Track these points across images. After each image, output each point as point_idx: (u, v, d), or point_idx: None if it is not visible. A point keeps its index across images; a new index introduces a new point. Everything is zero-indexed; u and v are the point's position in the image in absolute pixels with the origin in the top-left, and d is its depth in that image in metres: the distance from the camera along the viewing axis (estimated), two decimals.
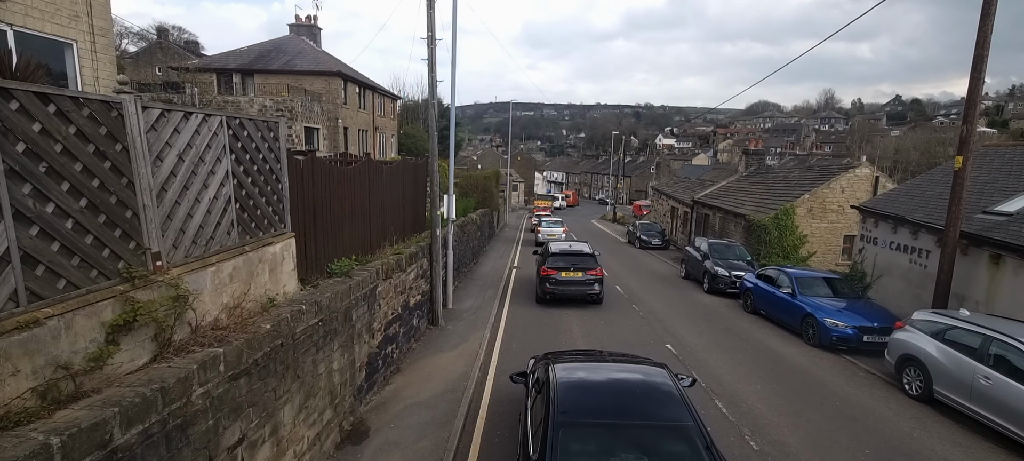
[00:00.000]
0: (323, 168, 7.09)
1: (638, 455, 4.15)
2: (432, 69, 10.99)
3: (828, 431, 7.21)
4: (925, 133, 75.25)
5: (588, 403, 4.69)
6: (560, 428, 4.28)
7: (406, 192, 11.20)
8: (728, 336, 11.72)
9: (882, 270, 12.52)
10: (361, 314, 7.28)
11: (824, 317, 10.87)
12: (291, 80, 27.65)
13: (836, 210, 18.97)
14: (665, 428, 4.40)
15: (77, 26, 10.86)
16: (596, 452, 4.16)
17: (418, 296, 10.49)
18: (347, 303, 6.72)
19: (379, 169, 9.31)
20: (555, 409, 4.49)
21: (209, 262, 4.46)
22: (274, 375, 4.88)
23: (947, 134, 67.80)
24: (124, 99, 3.65)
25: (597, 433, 4.31)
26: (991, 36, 9.24)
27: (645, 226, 29.97)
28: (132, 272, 3.61)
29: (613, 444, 4.20)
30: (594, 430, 4.33)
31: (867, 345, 10.39)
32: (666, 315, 13.39)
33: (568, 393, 4.77)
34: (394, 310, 8.82)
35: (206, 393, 3.82)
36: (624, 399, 4.77)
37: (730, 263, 16.45)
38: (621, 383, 5.14)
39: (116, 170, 3.59)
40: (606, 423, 4.39)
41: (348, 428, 6.88)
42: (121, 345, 3.49)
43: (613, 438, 4.26)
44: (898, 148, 71.40)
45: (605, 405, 4.67)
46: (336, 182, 7.46)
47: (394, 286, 8.71)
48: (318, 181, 6.93)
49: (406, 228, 11.12)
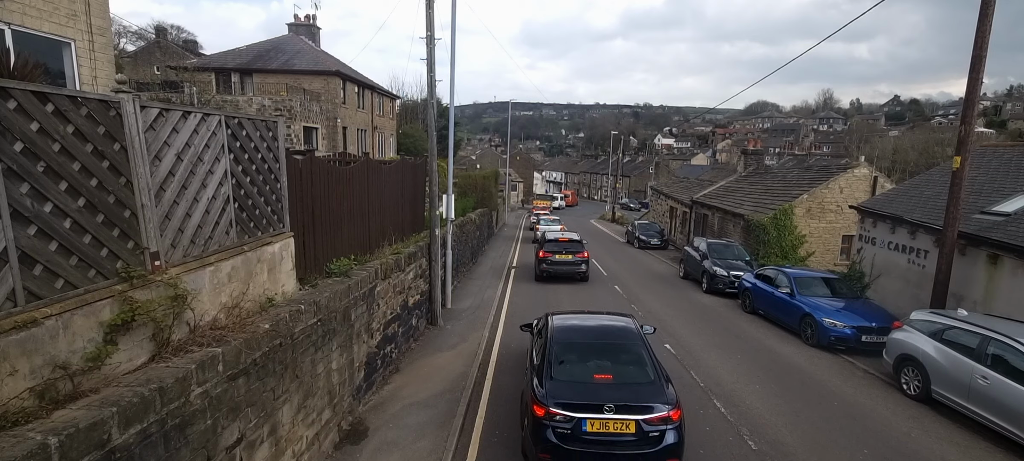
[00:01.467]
0: (322, 168, 7.09)
1: (604, 360, 6.29)
2: (431, 69, 10.98)
3: (826, 431, 7.22)
4: (923, 133, 75.38)
5: (575, 333, 6.83)
6: (555, 344, 6.45)
7: (405, 192, 11.19)
8: (727, 336, 11.74)
9: (880, 270, 12.54)
10: (360, 314, 7.28)
11: (822, 317, 10.89)
12: (290, 80, 27.62)
13: (834, 210, 19.00)
14: (623, 347, 6.55)
15: (75, 25, 10.84)
16: (577, 359, 6.31)
17: (417, 296, 10.49)
18: (346, 303, 6.71)
19: (378, 169, 9.30)
20: (552, 336, 6.63)
21: (207, 262, 4.46)
22: (273, 375, 4.88)
23: (945, 134, 67.97)
24: (122, 98, 3.64)
25: (579, 347, 6.50)
26: (989, 36, 9.26)
27: (644, 226, 30.01)
28: (130, 272, 3.61)
29: (588, 354, 6.40)
30: (577, 346, 6.50)
31: (865, 345, 10.41)
32: (665, 315, 13.40)
33: (561, 329, 6.87)
34: (393, 310, 8.81)
35: (204, 393, 3.82)
36: (599, 332, 6.95)
37: (729, 263, 16.47)
38: (599, 325, 7.26)
39: (114, 169, 3.58)
40: (585, 342, 6.61)
41: (347, 428, 6.87)
42: (119, 345, 3.48)
43: (589, 351, 6.46)
44: (896, 148, 71.49)
45: (586, 333, 6.88)
46: (335, 182, 7.45)
47: (393, 286, 8.71)
48: (317, 181, 6.92)
49: (405, 228, 11.11)
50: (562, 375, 6.03)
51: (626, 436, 5.42)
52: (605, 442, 5.42)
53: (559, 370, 6.09)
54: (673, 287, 17.53)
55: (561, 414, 5.46)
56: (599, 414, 5.44)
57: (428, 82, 11.06)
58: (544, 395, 5.69)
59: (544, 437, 5.48)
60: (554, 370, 6.07)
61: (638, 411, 5.46)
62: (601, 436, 5.42)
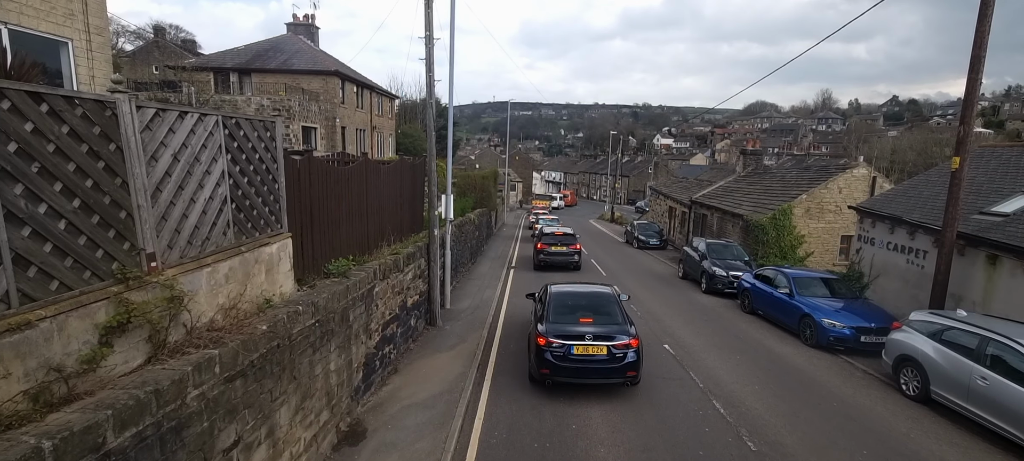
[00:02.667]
0: (320, 168, 7.06)
1: (587, 312, 8.58)
2: (429, 68, 10.95)
3: (826, 431, 7.21)
4: (922, 133, 75.47)
5: (567, 296, 9.21)
6: (553, 301, 8.92)
7: (404, 192, 11.16)
8: (726, 336, 11.73)
9: (879, 270, 12.54)
10: (358, 315, 7.25)
11: (822, 317, 10.89)
12: (288, 79, 27.58)
13: (833, 210, 19.02)
14: (602, 304, 8.93)
15: (73, 24, 10.80)
16: (568, 311, 8.64)
17: (416, 296, 10.46)
18: (344, 304, 6.69)
19: (376, 169, 9.27)
20: (551, 297, 9.08)
21: (204, 263, 4.43)
22: (270, 376, 4.85)
23: (943, 135, 68.10)
24: (118, 98, 3.61)
25: (570, 305, 8.83)
26: (989, 37, 9.26)
27: (643, 226, 30.00)
28: (126, 273, 3.58)
29: (576, 308, 8.71)
30: (569, 304, 8.86)
31: (864, 345, 10.41)
32: (664, 315, 13.39)
33: (557, 293, 9.28)
34: (391, 310, 8.79)
35: (201, 395, 3.79)
36: (585, 295, 9.33)
37: (728, 263, 16.47)
38: (586, 291, 9.62)
39: (110, 170, 3.56)
40: (574, 302, 8.95)
41: (345, 429, 6.85)
42: (115, 347, 3.46)
43: (577, 306, 8.80)
44: (895, 149, 71.62)
45: (576, 296, 9.22)
46: (333, 182, 7.42)
47: (392, 286, 8.68)
48: (315, 181, 6.89)
49: (404, 228, 11.08)
50: (557, 320, 8.40)
51: (600, 356, 7.84)
52: (585, 360, 7.84)
53: (555, 317, 8.47)
54: (672, 287, 17.53)
55: (557, 342, 7.86)
56: (582, 341, 7.86)
57: (427, 82, 11.04)
58: (545, 331, 8.07)
59: (545, 358, 7.88)
60: (552, 317, 8.48)
61: (608, 339, 7.89)
62: (583, 357, 7.83)
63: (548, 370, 7.86)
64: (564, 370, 7.81)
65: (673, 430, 7.15)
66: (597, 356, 7.80)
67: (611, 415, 7.56)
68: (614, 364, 7.81)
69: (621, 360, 7.81)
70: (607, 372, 7.85)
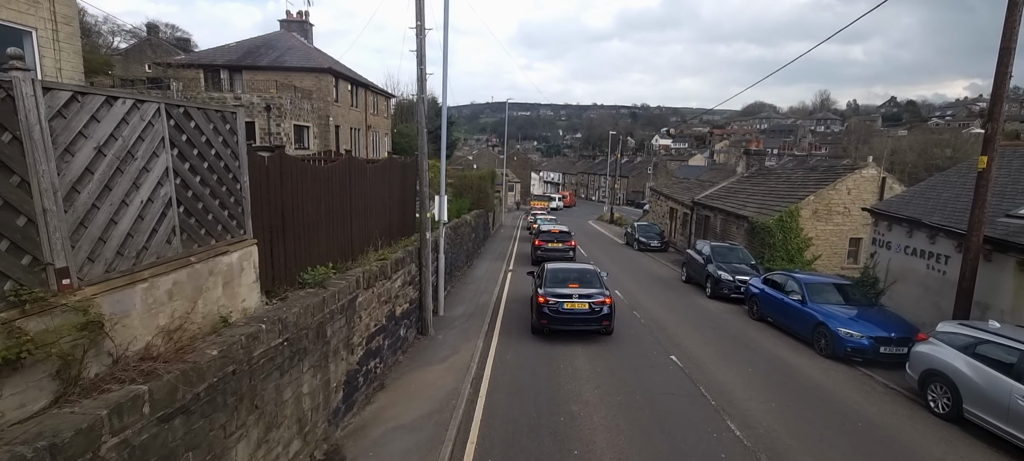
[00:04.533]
0: (294, 166, 6.35)
1: (574, 280, 11.18)
2: (421, 61, 10.26)
3: (853, 457, 6.54)
4: (922, 134, 75.26)
5: (560, 271, 11.78)
6: (548, 273, 11.52)
7: (393, 193, 10.45)
8: (735, 346, 11.06)
9: (896, 275, 11.88)
10: (337, 328, 6.55)
11: (838, 326, 10.23)
12: (280, 77, 26.84)
13: (842, 212, 18.38)
14: (586, 276, 11.53)
15: (36, 13, 10.03)
16: (561, 280, 11.21)
17: (406, 304, 9.76)
18: (320, 318, 5.99)
19: (361, 168, 8.55)
20: (547, 271, 11.65)
21: (139, 277, 3.73)
22: (223, 408, 4.15)
23: (943, 136, 67.80)
24: (15, 77, 2.91)
25: (561, 276, 11.43)
26: (1019, 27, 8.64)
27: (643, 227, 29.34)
28: (22, 294, 2.88)
29: (566, 280, 11.18)
30: (561, 277, 11.34)
31: (884, 357, 9.74)
32: (669, 323, 12.71)
33: (552, 269, 11.82)
34: (377, 322, 8.08)
35: (123, 443, 3.09)
36: (574, 269, 11.97)
37: (734, 267, 15.80)
38: (574, 267, 12.37)
39: (3, 167, 2.86)
40: (565, 275, 11.44)
41: (321, 457, 6.15)
42: (2, 390, 2.75)
43: (567, 278, 11.27)
44: (895, 149, 71.31)
45: (567, 270, 11.85)
46: (310, 181, 6.72)
47: (378, 295, 7.98)
48: (288, 181, 6.19)
49: (393, 231, 10.37)
50: (552, 285, 11.03)
51: (583, 310, 10.46)
52: (573, 312, 10.45)
53: (550, 283, 11.13)
54: (676, 292, 16.86)
55: (552, 299, 10.49)
56: (570, 299, 10.48)
57: (418, 75, 10.33)
58: (544, 292, 10.70)
59: (543, 311, 10.49)
60: (548, 282, 11.16)
61: (588, 298, 10.57)
62: (571, 310, 10.44)
63: (545, 320, 10.60)
64: (558, 320, 10.55)
65: (686, 458, 6.47)
66: (581, 310, 10.55)
67: (616, 438, 6.88)
68: (593, 315, 10.56)
69: (598, 312, 10.57)
70: (587, 321, 10.63)
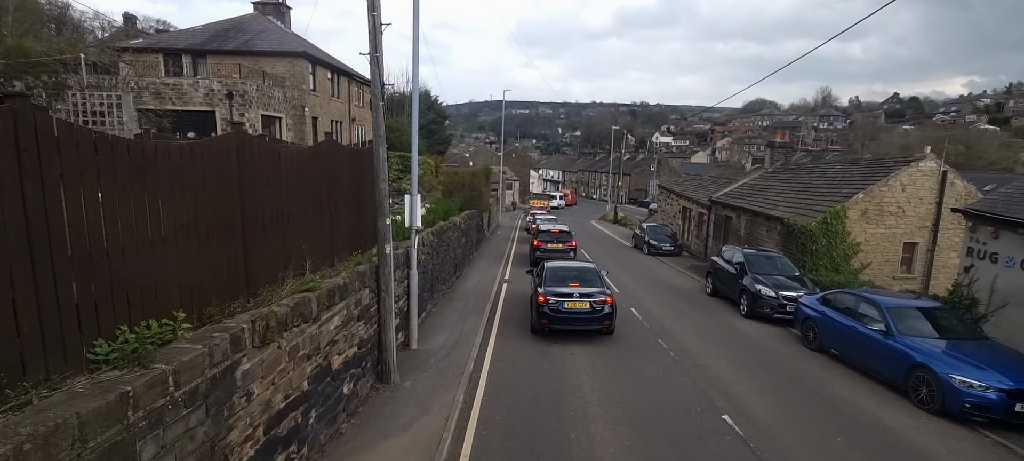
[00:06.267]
0: (82, 145, 3.45)
1: (574, 279, 11.01)
2: (373, 8, 7.43)
3: None
4: (932, 130, 73.26)
5: (560, 269, 11.69)
6: (548, 272, 11.40)
7: (336, 191, 7.57)
8: (798, 390, 8.35)
9: (1007, 298, 9.11)
10: (180, 434, 3.72)
11: (947, 371, 7.50)
12: (249, 62, 23.98)
13: (895, 213, 15.63)
14: (586, 275, 11.37)
15: None
16: (561, 279, 11.02)
17: (352, 349, 6.95)
18: (117, 431, 3.16)
19: (270, 152, 5.64)
20: (547, 270, 11.53)
21: None
22: None
23: (952, 131, 65.78)
24: None
25: (561, 274, 11.29)
26: None
27: (653, 229, 26.58)
28: None
29: (567, 278, 11.03)
30: (561, 275, 11.22)
31: (1018, 417, 7.03)
32: (706, 358, 9.93)
33: (552, 267, 11.83)
34: (289, 392, 5.25)
35: None
36: (574, 268, 11.92)
37: (776, 280, 13.04)
38: (574, 265, 12.42)
39: None
40: (565, 274, 11.35)
41: None
42: None
43: (567, 277, 11.13)
44: (905, 146, 69.19)
45: (567, 269, 11.79)
46: (134, 172, 3.83)
47: (290, 351, 5.16)
48: (72, 176, 3.38)
49: (336, 246, 7.50)
50: (552, 284, 10.78)
51: (584, 309, 10.23)
52: (573, 311, 10.23)
53: (550, 282, 10.86)
54: (702, 309, 14.09)
55: (552, 298, 10.28)
56: (570, 298, 10.27)
57: (369, 25, 7.44)
58: (544, 291, 10.48)
59: (543, 311, 10.31)
60: (548, 281, 10.89)
61: (589, 297, 10.33)
62: (572, 310, 10.22)
63: (545, 320, 10.24)
64: (558, 319, 10.21)
65: None
66: (582, 309, 10.17)
67: None
68: (594, 315, 10.19)
69: (599, 312, 10.20)
70: (589, 321, 10.25)
